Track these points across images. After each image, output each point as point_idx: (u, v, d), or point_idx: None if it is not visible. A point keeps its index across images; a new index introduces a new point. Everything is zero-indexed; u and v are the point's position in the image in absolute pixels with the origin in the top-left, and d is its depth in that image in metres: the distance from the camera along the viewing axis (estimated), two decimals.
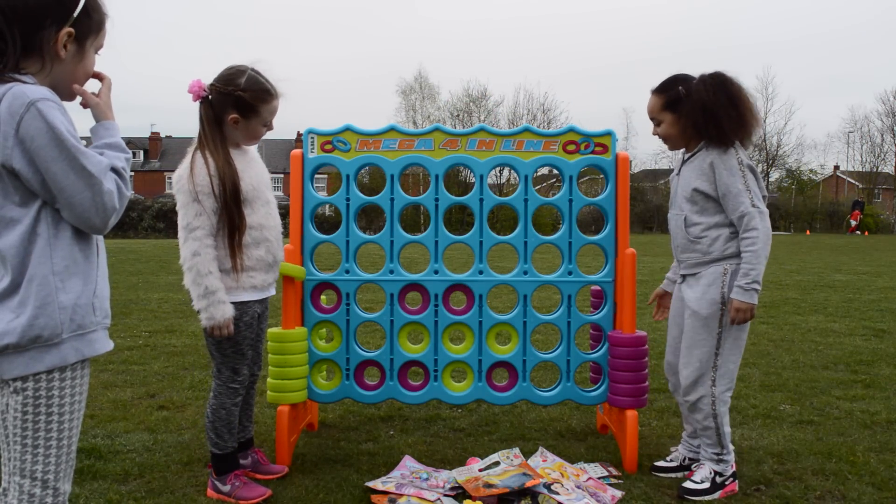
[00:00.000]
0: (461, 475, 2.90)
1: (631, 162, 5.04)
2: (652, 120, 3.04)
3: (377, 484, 2.87)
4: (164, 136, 53.72)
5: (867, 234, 36.17)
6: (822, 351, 5.73)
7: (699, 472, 2.91)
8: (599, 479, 2.99)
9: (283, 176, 37.56)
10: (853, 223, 37.00)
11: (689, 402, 2.93)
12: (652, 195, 40.16)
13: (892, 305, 8.40)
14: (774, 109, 45.84)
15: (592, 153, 3.29)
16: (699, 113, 2.84)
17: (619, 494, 2.84)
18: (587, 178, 26.94)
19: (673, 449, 3.22)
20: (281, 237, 2.88)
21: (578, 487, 2.87)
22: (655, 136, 3.06)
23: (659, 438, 3.55)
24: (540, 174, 28.63)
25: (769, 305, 8.13)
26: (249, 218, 2.70)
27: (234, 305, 2.68)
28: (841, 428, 3.71)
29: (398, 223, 3.34)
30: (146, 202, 35.37)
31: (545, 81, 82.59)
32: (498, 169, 3.98)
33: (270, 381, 3.18)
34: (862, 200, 39.88)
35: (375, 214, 25.04)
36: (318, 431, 3.63)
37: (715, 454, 2.91)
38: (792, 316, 7.54)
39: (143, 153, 52.02)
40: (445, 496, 2.78)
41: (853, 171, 50.74)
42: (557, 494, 2.79)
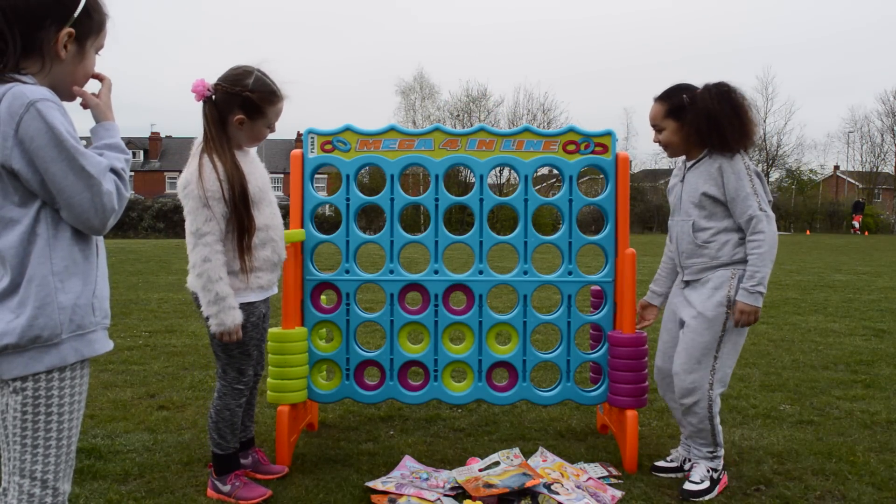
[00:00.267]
0: (461, 475, 2.90)
1: (631, 162, 5.03)
2: (654, 127, 3.04)
3: (377, 484, 2.87)
4: (164, 136, 53.68)
5: (867, 234, 36.19)
6: (822, 351, 5.73)
7: (696, 471, 2.92)
8: (599, 479, 2.99)
9: (283, 176, 37.51)
10: (856, 224, 37.12)
11: (685, 405, 2.93)
12: (652, 195, 40.15)
13: (892, 305, 8.40)
14: (774, 109, 45.94)
15: (592, 153, 3.29)
16: (703, 121, 2.85)
17: (619, 494, 2.84)
18: (587, 178, 26.95)
19: (673, 450, 3.22)
20: (284, 236, 2.89)
21: (578, 487, 2.87)
22: (656, 143, 3.06)
23: (659, 438, 3.55)
24: (540, 174, 28.64)
25: (769, 305, 8.13)
26: (257, 219, 2.68)
27: (241, 307, 2.68)
28: (841, 428, 3.72)
29: (398, 223, 3.34)
30: (146, 202, 35.37)
31: (545, 82, 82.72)
32: (498, 169, 3.98)
33: (270, 381, 3.18)
34: (863, 201, 39.88)
35: (375, 214, 25.04)
36: (318, 431, 3.63)
37: (709, 452, 2.94)
38: (792, 316, 7.54)
39: (143, 153, 52.00)
40: (445, 496, 2.78)
41: (853, 171, 50.74)
42: (557, 494, 2.79)
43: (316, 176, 3.35)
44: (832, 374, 4.94)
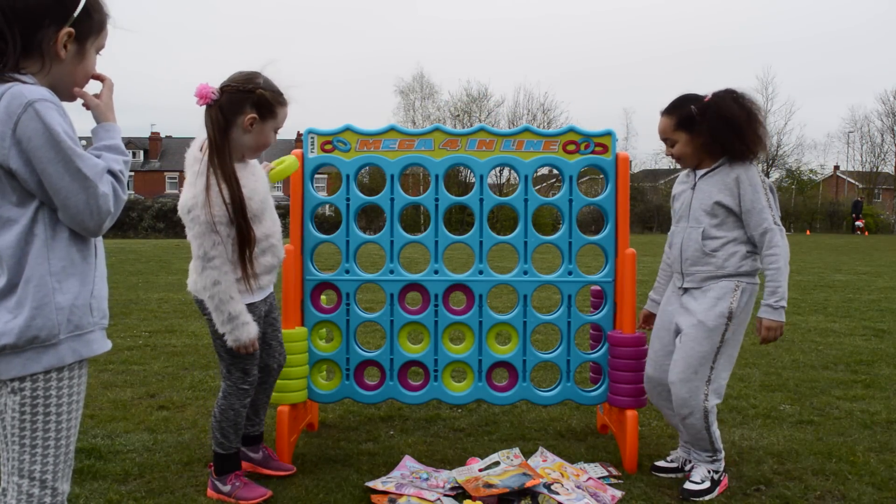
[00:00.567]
0: (461, 475, 2.90)
1: (631, 162, 5.04)
2: (665, 141, 3.02)
3: (377, 484, 2.87)
4: (164, 136, 53.74)
5: (867, 234, 36.19)
6: (822, 351, 5.73)
7: (696, 472, 2.92)
8: (599, 479, 2.99)
9: None
10: (860, 225, 37.19)
11: (681, 415, 2.92)
12: (652, 195, 40.11)
13: (892, 305, 8.40)
14: (774, 109, 45.58)
15: (592, 153, 3.29)
16: (724, 128, 2.84)
17: (619, 494, 2.84)
18: (587, 178, 26.92)
19: (672, 451, 3.22)
20: (282, 237, 2.89)
21: (578, 487, 2.87)
22: (669, 156, 3.05)
23: (659, 438, 3.55)
24: (540, 174, 28.63)
25: None
26: (258, 231, 2.68)
27: None
28: (841, 428, 3.71)
29: (398, 223, 3.34)
30: (146, 202, 35.37)
31: (545, 82, 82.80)
32: (498, 169, 3.98)
33: None
34: (861, 200, 39.88)
35: (375, 214, 25.03)
36: (318, 431, 3.62)
37: (709, 457, 2.94)
38: (792, 316, 7.53)
39: (143, 153, 52.05)
40: (445, 496, 2.78)
41: (853, 171, 50.72)
42: (557, 494, 2.79)
43: (316, 176, 3.35)
44: (832, 374, 4.94)
